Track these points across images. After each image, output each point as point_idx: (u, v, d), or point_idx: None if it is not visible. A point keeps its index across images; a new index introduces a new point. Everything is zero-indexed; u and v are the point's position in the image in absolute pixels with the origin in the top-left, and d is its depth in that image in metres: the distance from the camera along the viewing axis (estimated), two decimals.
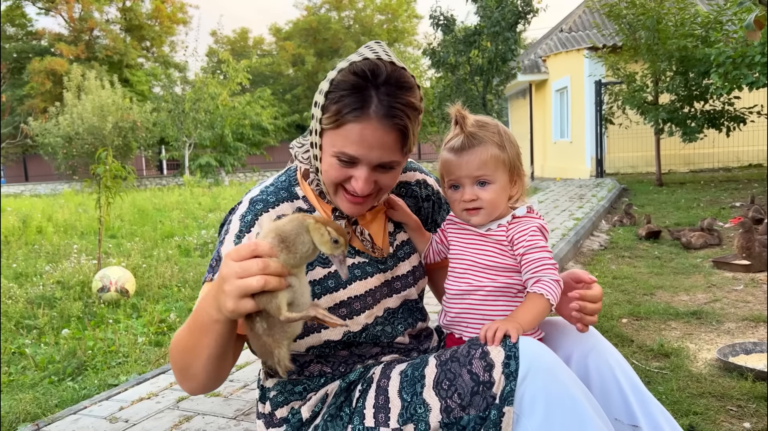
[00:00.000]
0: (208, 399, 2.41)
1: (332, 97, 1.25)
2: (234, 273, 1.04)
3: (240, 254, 1.06)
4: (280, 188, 1.41)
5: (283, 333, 1.12)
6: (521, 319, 1.28)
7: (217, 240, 1.39)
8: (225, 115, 22.86)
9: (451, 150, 1.38)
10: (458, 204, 1.39)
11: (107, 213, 5.52)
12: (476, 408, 1.19)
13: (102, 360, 3.43)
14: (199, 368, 1.23)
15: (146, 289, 5.04)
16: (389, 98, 1.23)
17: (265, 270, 1.04)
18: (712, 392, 2.50)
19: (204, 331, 1.16)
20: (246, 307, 1.06)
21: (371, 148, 1.25)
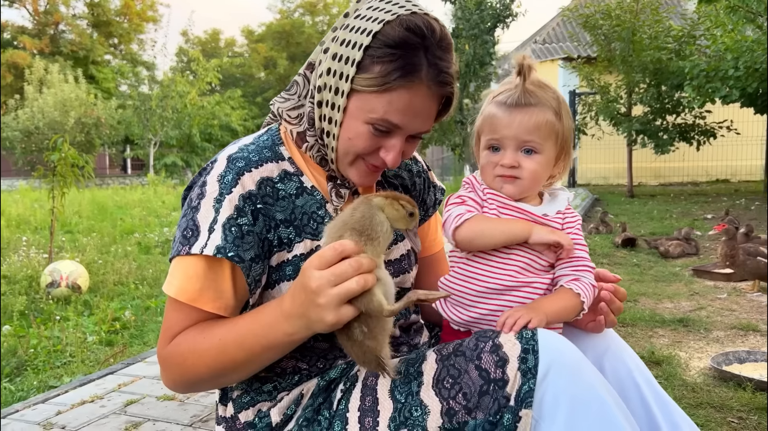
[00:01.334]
0: (160, 403, 2.13)
1: (378, 53, 1.06)
2: (327, 282, 0.94)
3: (326, 260, 0.95)
4: (263, 147, 1.19)
5: (383, 332, 1.03)
6: (547, 309, 1.08)
7: (188, 206, 1.13)
8: (193, 114, 22.37)
9: (502, 104, 1.16)
10: (493, 168, 1.17)
11: (61, 204, 5.15)
12: (485, 411, 0.98)
13: (45, 359, 3.11)
14: (240, 377, 1.12)
15: (101, 286, 4.71)
16: (441, 62, 1.08)
17: (360, 269, 0.95)
18: (711, 402, 2.35)
19: (271, 348, 1.06)
20: (348, 314, 0.97)
21: (416, 117, 1.10)
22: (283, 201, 1.15)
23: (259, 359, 1.07)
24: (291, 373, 1.19)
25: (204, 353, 1.07)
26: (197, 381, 1.12)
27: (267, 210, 1.13)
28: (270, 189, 1.14)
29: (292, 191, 1.17)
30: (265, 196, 1.13)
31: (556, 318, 1.13)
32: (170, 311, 1.12)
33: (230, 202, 1.09)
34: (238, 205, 1.10)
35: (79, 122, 21.52)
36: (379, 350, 1.02)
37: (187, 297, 1.09)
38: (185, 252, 1.09)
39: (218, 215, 1.09)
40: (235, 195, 1.10)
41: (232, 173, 1.12)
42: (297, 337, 1.02)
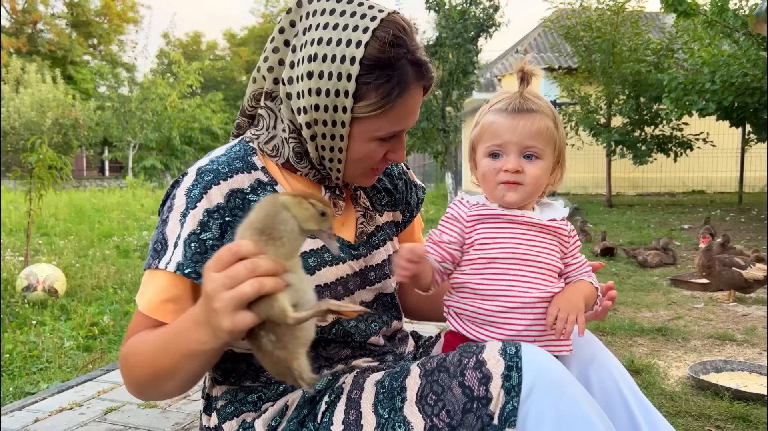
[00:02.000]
0: (142, 411, 2.10)
1: (372, 79, 1.06)
2: (221, 285, 0.87)
3: (221, 261, 0.88)
4: (234, 158, 1.17)
5: (296, 342, 0.94)
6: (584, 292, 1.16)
7: (160, 220, 1.13)
8: (173, 116, 22.18)
9: (502, 111, 1.17)
10: (495, 174, 1.16)
11: (38, 206, 5.06)
12: (468, 429, 0.98)
13: (21, 365, 3.05)
14: (174, 385, 1.06)
15: (78, 290, 4.63)
16: (419, 56, 1.10)
17: (255, 271, 0.86)
18: (689, 411, 2.38)
19: (190, 356, 0.98)
20: (246, 321, 0.88)
21: (414, 114, 1.14)
22: None
23: (183, 368, 1.01)
24: (276, 383, 1.18)
25: (141, 358, 1.06)
26: (140, 385, 1.09)
27: (236, 222, 1.09)
28: (240, 201, 1.13)
29: None
30: (235, 208, 1.12)
31: (587, 306, 1.17)
32: (134, 317, 1.13)
33: (194, 217, 1.09)
34: (202, 219, 1.09)
35: (57, 123, 21.25)
36: (290, 361, 0.95)
37: (150, 309, 1.09)
38: (155, 266, 1.09)
39: (182, 230, 1.08)
40: (200, 209, 1.09)
41: (199, 187, 1.10)
42: (209, 346, 0.95)
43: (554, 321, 1.08)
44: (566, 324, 1.08)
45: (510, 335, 1.14)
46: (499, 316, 1.14)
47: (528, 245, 1.15)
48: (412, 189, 1.43)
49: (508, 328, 1.14)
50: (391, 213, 1.37)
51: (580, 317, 1.10)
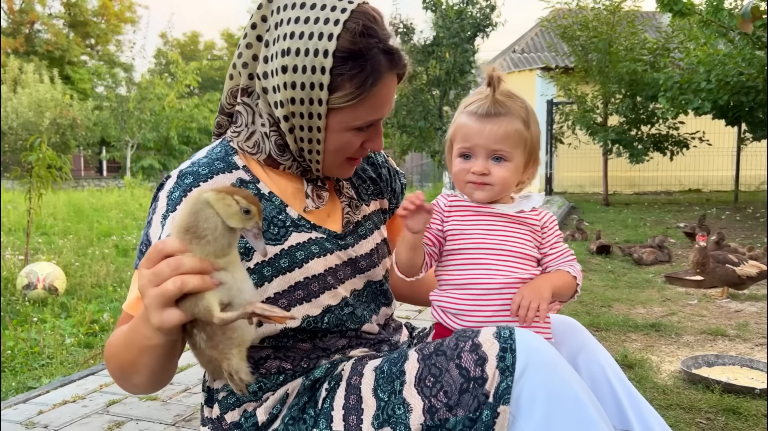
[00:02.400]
0: (143, 403, 2.14)
1: (345, 70, 1.08)
2: (149, 281, 0.88)
3: (150, 259, 0.89)
4: (215, 159, 1.19)
5: (228, 341, 0.93)
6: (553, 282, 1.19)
7: (146, 222, 1.17)
8: (171, 116, 22.20)
9: (473, 114, 1.21)
10: (464, 174, 1.22)
11: (38, 205, 5.10)
12: (465, 408, 1.02)
13: (23, 361, 3.09)
14: (140, 381, 1.07)
15: (78, 288, 4.67)
16: (390, 44, 1.12)
17: (178, 269, 0.86)
18: (680, 404, 2.43)
19: (143, 351, 0.99)
20: (172, 319, 0.88)
21: (389, 102, 1.17)
22: None
23: (141, 362, 1.02)
24: (276, 374, 1.21)
25: (111, 350, 1.09)
26: (115, 377, 1.12)
27: None
28: None
29: None
30: None
31: (557, 295, 1.20)
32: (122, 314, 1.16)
33: (173, 219, 1.10)
34: None
35: (54, 123, 21.25)
36: (221, 361, 0.94)
37: (129, 305, 1.12)
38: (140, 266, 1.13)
39: (162, 231, 1.11)
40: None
41: (179, 190, 1.13)
42: (154, 342, 0.96)
43: (518, 308, 1.13)
44: (528, 311, 1.12)
45: (480, 322, 1.19)
46: (468, 304, 1.20)
47: (495, 234, 1.21)
48: (395, 176, 1.46)
49: (477, 315, 1.20)
50: (377, 201, 1.40)
51: (543, 305, 1.13)
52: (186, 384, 2.32)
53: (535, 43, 16.64)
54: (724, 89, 8.63)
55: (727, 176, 13.95)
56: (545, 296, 1.15)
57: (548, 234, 1.24)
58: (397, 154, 13.99)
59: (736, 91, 8.66)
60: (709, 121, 10.25)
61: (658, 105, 9.88)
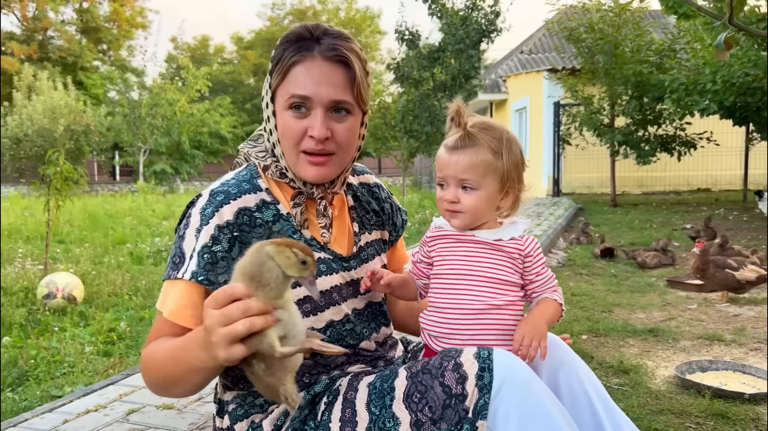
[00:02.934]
0: (160, 412, 2.29)
1: (276, 54, 1.31)
2: (217, 322, 1.01)
3: (218, 301, 1.02)
4: (242, 180, 1.36)
5: (283, 370, 1.08)
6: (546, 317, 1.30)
7: (177, 235, 1.32)
8: (182, 121, 22.45)
9: (445, 146, 1.33)
10: (441, 203, 1.34)
11: (56, 216, 5.28)
12: (448, 422, 1.14)
13: (45, 370, 3.25)
14: (183, 390, 1.23)
15: (95, 297, 4.83)
16: (332, 42, 1.29)
17: (247, 312, 1.00)
18: (671, 409, 2.52)
19: (194, 371, 1.15)
20: (238, 353, 1.03)
21: (320, 84, 1.27)
22: (260, 228, 1.31)
23: (188, 378, 1.17)
24: None
25: (155, 363, 1.23)
26: (155, 385, 1.27)
27: (243, 237, 1.29)
28: (247, 218, 1.31)
29: (269, 218, 1.33)
30: (242, 224, 1.29)
31: (550, 324, 1.31)
32: (156, 322, 1.31)
33: (207, 232, 1.27)
34: (214, 234, 1.27)
35: (69, 129, 21.54)
36: (278, 386, 1.08)
37: (173, 315, 1.27)
38: (173, 277, 1.27)
39: (197, 243, 1.27)
40: (212, 225, 1.27)
41: (212, 206, 1.29)
42: (209, 365, 1.10)
43: (519, 346, 1.22)
44: (530, 349, 1.22)
45: (456, 345, 1.30)
46: (446, 327, 1.32)
47: (472, 261, 1.31)
48: (397, 212, 1.61)
49: (455, 339, 1.31)
50: (379, 231, 1.55)
51: (543, 342, 1.24)
52: (200, 394, 2.47)
53: (543, 44, 16.69)
54: (730, 90, 8.66)
55: (736, 175, 13.94)
56: (543, 332, 1.25)
57: (532, 263, 1.32)
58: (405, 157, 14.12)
59: (742, 92, 8.68)
60: (717, 120, 10.27)
61: (664, 106, 9.93)
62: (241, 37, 40.57)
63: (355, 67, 1.29)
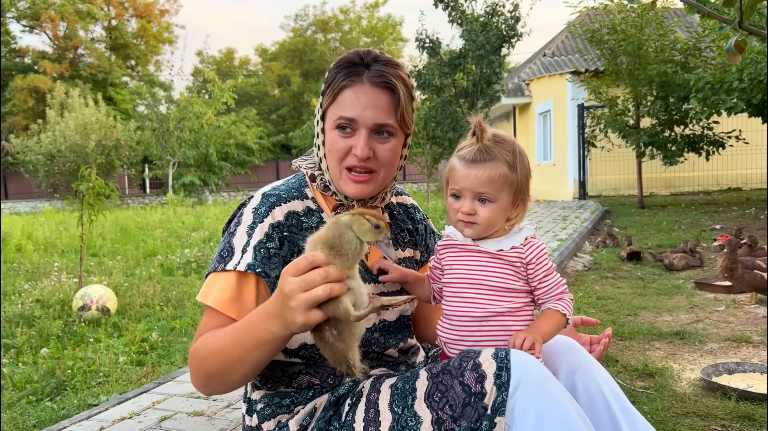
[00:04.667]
0: (191, 419, 2.37)
1: (329, 77, 1.40)
2: (298, 287, 1.08)
3: (298, 268, 1.09)
4: (291, 187, 1.47)
5: (352, 336, 1.15)
6: (542, 331, 1.31)
7: (227, 233, 1.41)
8: (210, 134, 22.81)
9: (462, 159, 1.36)
10: (455, 213, 1.38)
11: (89, 231, 5.45)
12: (468, 420, 1.18)
13: (82, 379, 3.36)
14: (240, 374, 1.27)
15: (128, 308, 4.97)
16: (380, 68, 1.37)
17: (327, 278, 1.08)
18: (696, 412, 2.51)
19: (259, 345, 1.20)
20: (316, 318, 1.09)
21: (365, 108, 1.36)
22: (306, 231, 1.39)
23: (251, 356, 1.22)
24: (306, 388, 1.41)
25: (212, 349, 1.28)
26: (208, 377, 1.31)
27: (292, 237, 1.38)
28: (295, 221, 1.40)
29: (314, 224, 1.42)
30: (291, 226, 1.38)
31: (550, 336, 1.34)
32: (204, 315, 1.37)
33: (261, 229, 1.36)
34: (268, 231, 1.36)
35: (100, 144, 22.08)
36: (347, 352, 1.16)
37: (218, 304, 1.33)
38: (221, 269, 1.34)
39: (251, 239, 1.35)
40: (266, 224, 1.36)
41: (265, 206, 1.39)
42: (279, 334, 1.16)
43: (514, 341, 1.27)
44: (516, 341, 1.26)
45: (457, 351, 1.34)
46: (453, 334, 1.37)
47: (476, 270, 1.36)
48: (431, 235, 1.67)
49: (462, 344, 1.36)
50: (411, 250, 1.61)
51: (537, 345, 1.27)
52: (229, 400, 2.55)
53: (566, 47, 16.59)
54: (757, 88, 8.51)
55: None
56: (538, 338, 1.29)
57: (535, 270, 1.35)
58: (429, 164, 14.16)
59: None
60: (745, 118, 10.09)
61: (690, 106, 9.79)
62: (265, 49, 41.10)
63: (399, 93, 1.38)
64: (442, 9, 10.34)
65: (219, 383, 1.32)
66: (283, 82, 38.24)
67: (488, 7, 10.06)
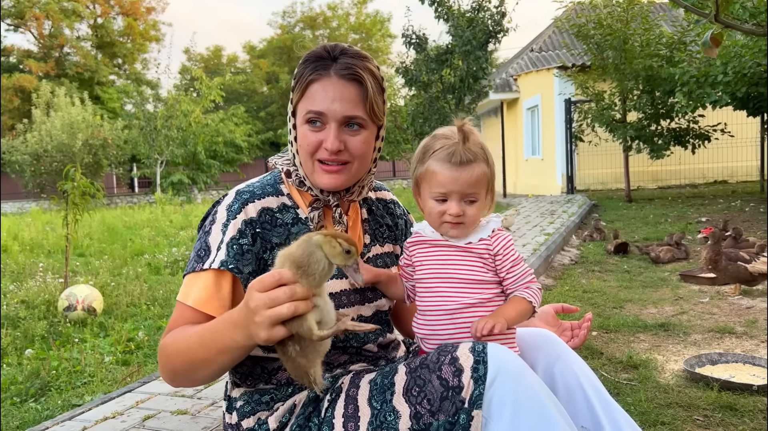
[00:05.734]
0: (175, 417, 2.36)
1: (297, 72, 1.40)
2: (263, 303, 1.08)
3: (264, 284, 1.09)
4: (266, 184, 1.46)
5: (315, 353, 1.17)
6: (506, 315, 1.32)
7: (202, 231, 1.40)
8: (198, 132, 22.70)
9: (446, 162, 1.34)
10: (440, 216, 1.37)
11: (75, 230, 5.41)
12: (445, 413, 1.19)
13: (67, 380, 3.34)
14: (205, 374, 1.27)
15: (114, 308, 4.94)
16: (347, 61, 1.38)
17: (292, 297, 1.08)
18: (679, 402, 2.53)
19: (224, 351, 1.21)
20: (279, 334, 1.10)
21: (333, 100, 1.36)
22: (280, 228, 1.39)
23: (216, 359, 1.22)
24: (285, 385, 1.41)
25: (178, 348, 1.28)
26: (174, 373, 1.31)
27: (265, 234, 1.38)
28: (269, 217, 1.39)
29: (288, 220, 1.42)
30: (264, 222, 1.38)
31: (515, 321, 1.35)
32: (175, 312, 1.36)
33: (234, 226, 1.35)
34: (241, 228, 1.35)
35: (87, 144, 21.92)
36: (308, 367, 1.17)
37: (198, 304, 1.33)
38: (199, 269, 1.34)
39: (224, 236, 1.35)
40: (239, 220, 1.36)
41: (238, 203, 1.39)
42: (242, 344, 1.16)
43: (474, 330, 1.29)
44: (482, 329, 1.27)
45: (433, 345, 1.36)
46: (427, 328, 1.38)
47: (446, 264, 1.37)
48: (410, 227, 1.66)
49: (436, 339, 1.37)
50: (391, 245, 1.61)
51: (498, 326, 1.27)
52: (213, 398, 2.54)
53: (552, 42, 16.64)
54: (741, 81, 8.59)
55: (752, 166, 13.80)
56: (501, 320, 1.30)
57: (502, 260, 1.36)
58: None
59: (754, 83, 8.60)
60: (731, 111, 10.18)
61: (675, 99, 9.86)
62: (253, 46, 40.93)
63: (367, 84, 1.38)
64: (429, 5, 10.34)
65: (185, 379, 1.33)
66: (272, 79, 38.10)
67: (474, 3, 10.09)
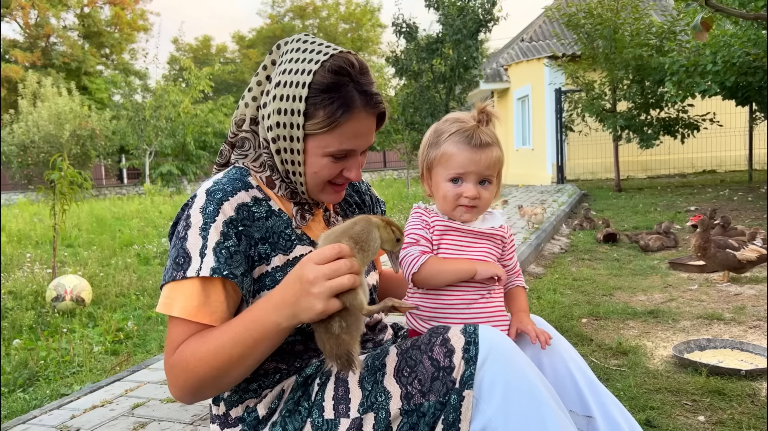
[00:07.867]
0: (164, 405, 2.34)
1: (318, 100, 1.27)
2: (323, 275, 1.10)
3: (325, 257, 1.11)
4: (234, 179, 1.38)
5: (357, 330, 1.18)
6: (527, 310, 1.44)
7: (176, 238, 1.31)
8: (187, 122, 22.49)
9: (464, 144, 1.36)
10: (456, 199, 1.37)
11: (62, 221, 5.35)
12: (436, 394, 1.19)
13: (55, 370, 3.32)
14: (238, 374, 1.24)
15: (103, 298, 4.91)
16: (367, 87, 1.30)
17: (352, 269, 1.11)
18: (668, 387, 2.55)
19: (263, 340, 1.20)
20: (335, 306, 1.11)
21: (362, 137, 1.32)
22: (258, 222, 1.34)
23: (253, 352, 1.20)
24: (272, 373, 1.38)
25: (205, 355, 1.22)
26: (201, 384, 1.24)
27: (247, 231, 1.32)
28: (246, 212, 1.33)
29: (263, 214, 1.36)
30: (244, 219, 1.32)
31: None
32: (172, 328, 1.29)
33: (216, 229, 1.28)
34: (223, 230, 1.28)
35: (74, 134, 21.67)
36: (351, 345, 1.18)
37: (187, 314, 1.26)
38: (180, 277, 1.25)
39: (207, 241, 1.27)
40: (219, 222, 1.29)
41: (212, 204, 1.30)
42: (284, 326, 1.17)
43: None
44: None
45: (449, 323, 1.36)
46: (440, 311, 1.40)
47: (467, 250, 1.38)
48: (376, 203, 1.65)
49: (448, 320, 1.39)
50: None
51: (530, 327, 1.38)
52: None
53: (543, 31, 16.62)
54: (730, 70, 8.63)
55: (741, 156, 13.88)
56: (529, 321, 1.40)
57: (510, 247, 1.42)
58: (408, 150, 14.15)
59: (743, 72, 8.65)
60: (720, 101, 10.23)
61: (665, 89, 9.89)
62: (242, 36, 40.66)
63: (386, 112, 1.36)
64: None
65: (212, 388, 1.26)
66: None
67: None
